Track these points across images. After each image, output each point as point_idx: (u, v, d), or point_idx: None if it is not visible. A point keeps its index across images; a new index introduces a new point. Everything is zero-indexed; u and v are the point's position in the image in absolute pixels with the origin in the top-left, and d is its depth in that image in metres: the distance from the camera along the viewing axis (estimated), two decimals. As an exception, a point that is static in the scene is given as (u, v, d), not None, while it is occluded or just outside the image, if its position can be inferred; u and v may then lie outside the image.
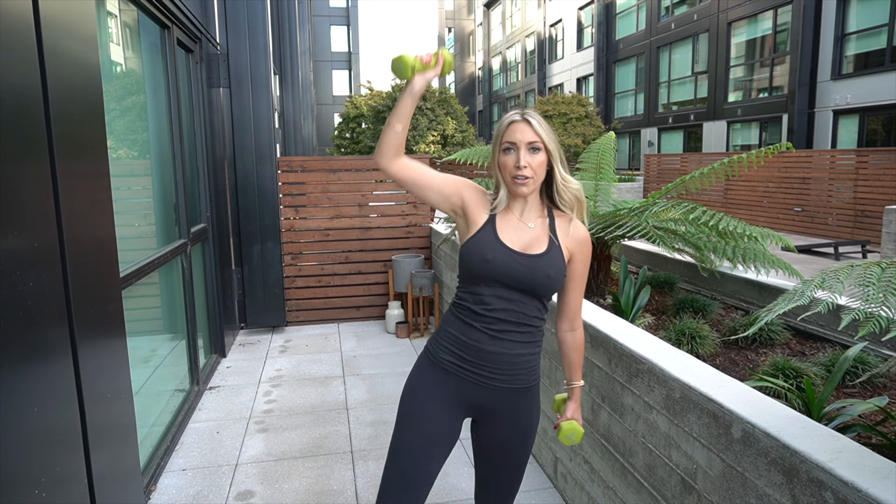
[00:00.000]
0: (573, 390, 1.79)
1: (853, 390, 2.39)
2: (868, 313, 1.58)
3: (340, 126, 24.51)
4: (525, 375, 1.65)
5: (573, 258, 1.67)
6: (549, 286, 1.61)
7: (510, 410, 1.67)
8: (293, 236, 5.59)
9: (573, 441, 1.75)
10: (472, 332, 1.61)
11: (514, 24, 37.28)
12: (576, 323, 1.76)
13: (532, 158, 1.57)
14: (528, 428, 1.71)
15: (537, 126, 1.58)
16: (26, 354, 1.44)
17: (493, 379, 1.62)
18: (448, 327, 1.67)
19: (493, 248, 1.59)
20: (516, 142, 1.57)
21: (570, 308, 1.74)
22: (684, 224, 3.53)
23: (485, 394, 1.64)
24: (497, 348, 1.60)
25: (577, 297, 1.73)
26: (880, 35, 14.18)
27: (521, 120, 1.59)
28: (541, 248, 1.61)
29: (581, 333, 1.77)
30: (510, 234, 1.62)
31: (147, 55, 3.40)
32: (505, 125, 1.61)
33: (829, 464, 1.28)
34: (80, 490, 1.70)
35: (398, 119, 1.58)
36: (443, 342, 1.67)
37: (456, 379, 1.64)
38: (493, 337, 1.60)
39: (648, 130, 23.84)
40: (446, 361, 1.65)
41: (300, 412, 3.75)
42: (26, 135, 1.49)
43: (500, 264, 1.58)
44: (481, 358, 1.61)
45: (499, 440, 1.70)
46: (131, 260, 2.75)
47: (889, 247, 8.54)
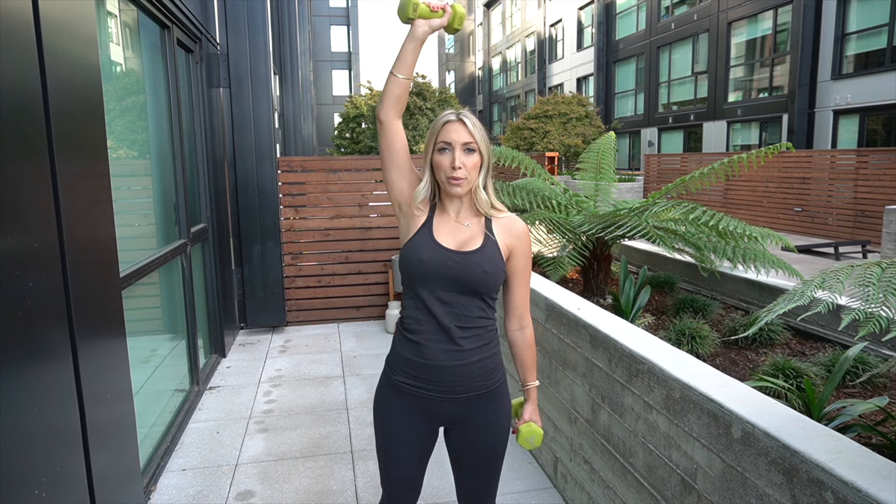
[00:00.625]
0: (528, 391, 1.77)
1: (853, 390, 2.39)
2: (868, 313, 1.58)
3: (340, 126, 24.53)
4: (484, 380, 1.64)
5: (513, 253, 1.66)
6: (487, 282, 1.59)
7: (476, 416, 1.67)
8: (293, 236, 5.59)
9: (533, 444, 1.73)
10: (422, 351, 1.60)
11: (514, 24, 37.28)
12: (524, 320, 1.74)
13: (467, 159, 1.57)
14: (497, 429, 1.70)
15: (472, 127, 1.58)
16: (26, 354, 1.44)
17: (451, 392, 1.62)
18: (399, 349, 1.66)
19: (428, 248, 1.59)
20: (451, 141, 1.57)
21: (516, 305, 1.72)
22: (684, 224, 3.53)
23: (447, 407, 1.64)
24: (449, 361, 1.60)
25: (522, 294, 1.71)
26: (880, 35, 14.18)
27: (456, 120, 1.59)
28: (475, 245, 1.61)
29: (530, 332, 1.75)
30: (446, 234, 1.63)
31: (147, 55, 3.40)
32: (440, 124, 1.60)
33: (829, 464, 1.28)
34: (80, 490, 1.70)
35: (400, 66, 1.56)
36: (398, 365, 1.66)
37: (416, 398, 1.64)
38: (444, 350, 1.59)
39: (648, 130, 23.84)
40: (403, 384, 1.65)
41: (300, 412, 3.75)
42: (26, 135, 1.49)
43: (435, 263, 1.58)
44: (436, 374, 1.60)
45: (469, 445, 1.70)
46: (131, 260, 2.75)
47: (889, 247, 8.54)
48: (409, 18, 1.54)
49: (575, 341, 2.53)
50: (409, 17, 1.53)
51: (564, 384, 2.66)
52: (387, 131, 1.61)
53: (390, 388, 1.69)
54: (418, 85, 21.00)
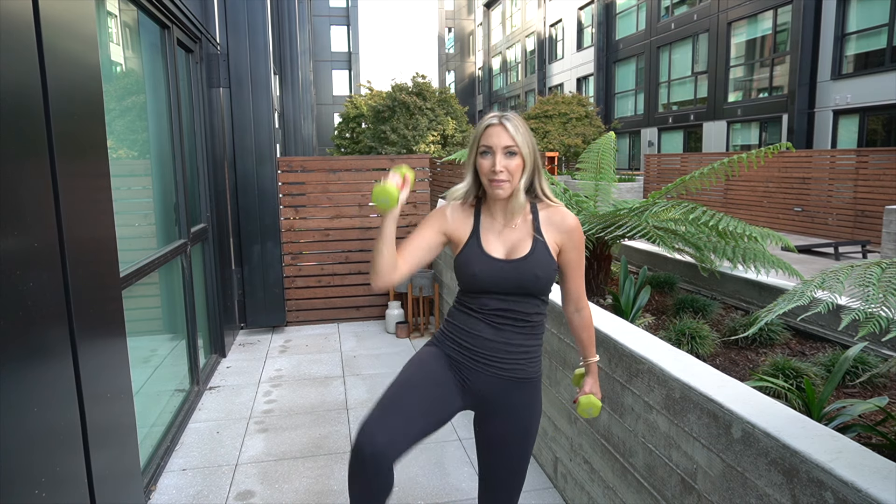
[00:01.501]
0: (589, 366, 1.86)
1: (853, 390, 2.39)
2: (868, 313, 1.58)
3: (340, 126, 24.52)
4: (524, 366, 1.69)
5: (563, 248, 1.70)
6: (540, 285, 1.65)
7: (510, 402, 1.70)
8: (293, 236, 5.59)
9: (591, 414, 1.83)
10: (473, 323, 1.68)
11: (514, 24, 37.28)
12: (580, 304, 1.80)
13: (508, 162, 1.60)
14: (529, 422, 1.73)
15: (513, 131, 1.60)
16: (26, 354, 1.44)
17: (491, 366, 1.67)
18: (450, 318, 1.75)
19: (479, 262, 1.64)
20: (492, 146, 1.60)
21: (572, 292, 1.78)
22: (684, 224, 3.53)
23: (483, 380, 1.68)
24: (496, 337, 1.66)
25: (576, 282, 1.77)
26: (880, 35, 14.18)
27: (497, 124, 1.61)
28: (525, 250, 1.65)
29: (588, 313, 1.82)
30: (494, 242, 1.67)
31: (147, 55, 3.40)
32: (482, 128, 1.64)
33: (829, 464, 1.28)
34: (80, 490, 1.70)
35: (385, 243, 1.57)
36: (446, 331, 1.74)
37: (457, 364, 1.70)
38: (493, 327, 1.66)
39: (648, 130, 23.84)
40: (450, 347, 1.71)
41: (300, 412, 3.75)
42: (26, 135, 1.49)
43: (488, 275, 1.63)
44: (480, 345, 1.66)
45: (500, 435, 1.72)
46: (131, 260, 2.75)
47: (889, 247, 8.54)
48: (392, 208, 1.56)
49: (574, 341, 2.53)
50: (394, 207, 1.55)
51: (564, 384, 2.66)
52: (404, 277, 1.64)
53: (436, 349, 1.74)
54: (418, 85, 20.98)
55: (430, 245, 1.70)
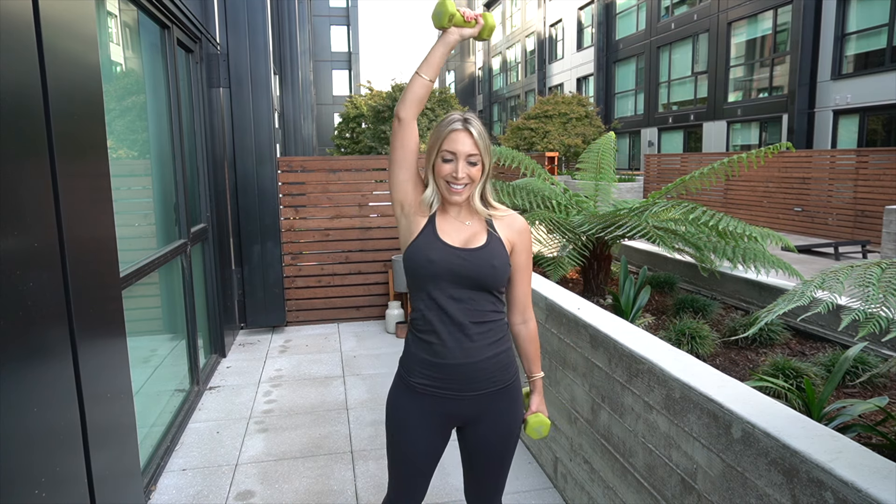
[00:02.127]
0: (534, 383, 1.80)
1: (853, 390, 2.39)
2: (868, 313, 1.58)
3: (340, 126, 24.52)
4: (499, 376, 1.66)
5: (514, 249, 1.69)
6: (496, 276, 1.61)
7: (491, 412, 1.69)
8: (293, 236, 5.59)
9: (541, 434, 1.77)
10: (437, 350, 1.61)
11: (514, 24, 37.28)
12: (527, 314, 1.76)
13: (470, 170, 1.59)
14: (511, 425, 1.72)
15: (478, 138, 1.59)
16: (26, 354, 1.44)
17: (468, 390, 1.64)
18: (414, 350, 1.67)
19: (435, 248, 1.61)
20: (457, 153, 1.58)
21: (519, 299, 1.74)
22: (684, 224, 3.53)
23: (464, 405, 1.66)
24: (465, 359, 1.61)
25: (524, 288, 1.74)
26: (880, 35, 14.18)
27: (462, 129, 1.59)
28: (481, 241, 1.63)
29: (533, 325, 1.78)
30: (450, 233, 1.64)
31: (147, 55, 3.40)
32: (446, 132, 1.60)
33: (829, 464, 1.28)
34: (80, 490, 1.70)
35: (427, 68, 1.58)
36: (413, 365, 1.67)
37: (432, 399, 1.65)
38: (460, 347, 1.60)
39: (648, 130, 23.84)
40: (419, 385, 1.65)
41: (300, 412, 3.75)
42: (26, 135, 1.49)
43: (444, 262, 1.59)
44: (452, 373, 1.62)
45: (482, 441, 1.71)
46: (131, 260, 2.75)
47: (889, 247, 8.54)
48: (443, 26, 1.57)
49: (575, 341, 2.53)
50: (444, 25, 1.56)
51: (564, 384, 2.66)
52: (404, 129, 1.61)
53: (406, 390, 1.69)
54: (418, 85, 20.98)
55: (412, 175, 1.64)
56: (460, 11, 1.57)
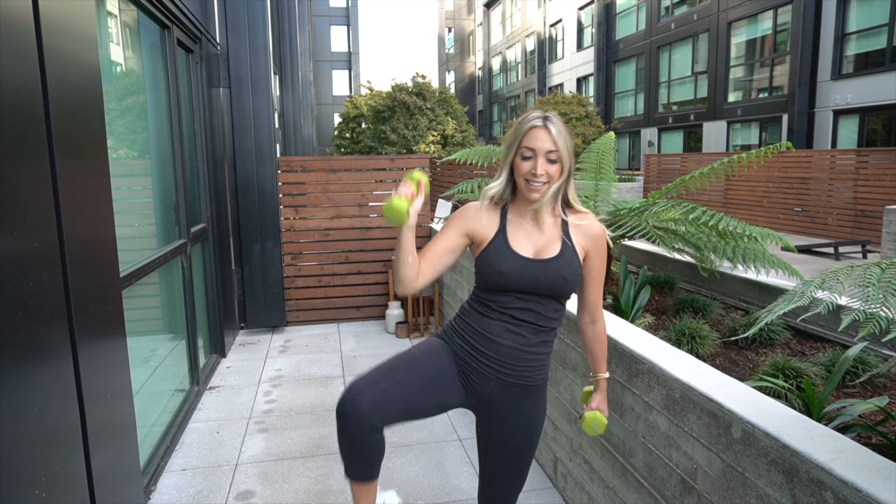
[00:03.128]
0: (598, 382, 1.82)
1: (853, 390, 2.39)
2: (868, 313, 1.58)
3: (340, 126, 24.50)
4: (533, 373, 1.67)
5: (588, 255, 1.68)
6: (566, 288, 1.62)
7: (515, 407, 1.68)
8: (293, 236, 5.59)
9: (596, 431, 1.79)
10: (488, 324, 1.63)
11: (514, 24, 37.27)
12: (596, 315, 1.77)
13: (549, 167, 1.58)
14: (533, 426, 1.72)
15: (557, 135, 1.57)
16: (26, 354, 1.44)
17: (501, 372, 1.64)
18: (464, 316, 1.69)
19: (506, 260, 1.59)
20: (536, 150, 1.56)
21: (590, 302, 1.76)
22: (684, 224, 3.53)
23: (491, 385, 1.65)
24: (511, 342, 1.62)
25: (595, 292, 1.75)
26: (880, 35, 14.18)
27: (542, 126, 1.57)
28: (554, 251, 1.62)
29: (602, 326, 1.79)
30: (522, 241, 1.63)
31: (147, 55, 3.40)
32: (526, 128, 1.58)
33: (829, 464, 1.28)
34: (80, 490, 1.70)
35: (405, 252, 1.56)
36: (458, 328, 1.68)
37: (465, 365, 1.66)
38: (509, 331, 1.62)
39: (648, 130, 23.83)
40: (459, 346, 1.66)
41: (300, 412, 3.75)
42: (26, 135, 1.49)
43: (515, 275, 1.58)
44: (494, 350, 1.62)
45: (503, 437, 1.71)
46: (131, 260, 2.75)
47: (889, 247, 8.54)
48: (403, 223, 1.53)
49: (575, 341, 2.53)
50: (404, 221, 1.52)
51: (564, 384, 2.66)
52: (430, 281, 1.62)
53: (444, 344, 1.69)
54: (418, 85, 20.97)
55: (453, 248, 1.66)
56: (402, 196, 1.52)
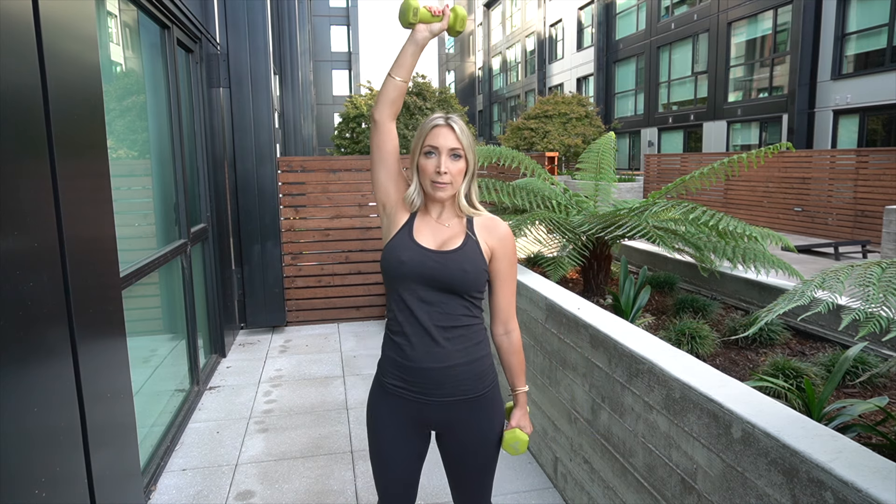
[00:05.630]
0: (517, 397, 1.73)
1: (853, 390, 2.39)
2: (868, 313, 1.58)
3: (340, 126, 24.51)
4: (472, 384, 1.62)
5: (495, 255, 1.64)
6: (466, 281, 1.57)
7: (466, 420, 1.64)
8: (293, 236, 5.59)
9: (518, 450, 1.69)
10: (408, 353, 1.59)
11: (514, 24, 37.28)
12: (510, 325, 1.70)
13: (452, 165, 1.58)
14: (488, 433, 1.68)
15: (460, 133, 1.58)
16: (26, 354, 1.44)
17: (438, 396, 1.60)
18: (387, 351, 1.67)
19: (407, 249, 1.59)
20: (438, 146, 1.57)
21: (501, 308, 1.68)
22: (684, 224, 3.53)
23: (435, 410, 1.62)
24: (433, 363, 1.58)
25: (506, 297, 1.68)
26: (880, 35, 14.18)
27: (444, 125, 1.58)
28: (455, 244, 1.61)
29: (517, 336, 1.72)
30: (426, 234, 1.62)
31: (147, 55, 3.40)
32: (428, 128, 1.59)
33: (829, 464, 1.28)
34: (80, 490, 1.70)
35: (398, 69, 1.56)
36: (386, 367, 1.67)
37: (404, 402, 1.64)
38: (427, 352, 1.58)
39: (648, 130, 23.83)
40: (391, 386, 1.65)
41: (300, 412, 3.75)
42: (26, 135, 1.49)
43: (415, 263, 1.57)
44: (422, 377, 1.59)
45: (459, 449, 1.69)
46: (131, 260, 2.75)
47: (889, 247, 8.54)
48: (410, 23, 1.55)
49: (575, 341, 2.53)
50: (410, 21, 1.53)
51: (564, 384, 2.66)
52: (380, 131, 1.61)
53: (381, 392, 1.69)
54: (418, 85, 21.00)
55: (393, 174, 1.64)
56: (425, 7, 1.54)
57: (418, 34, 1.57)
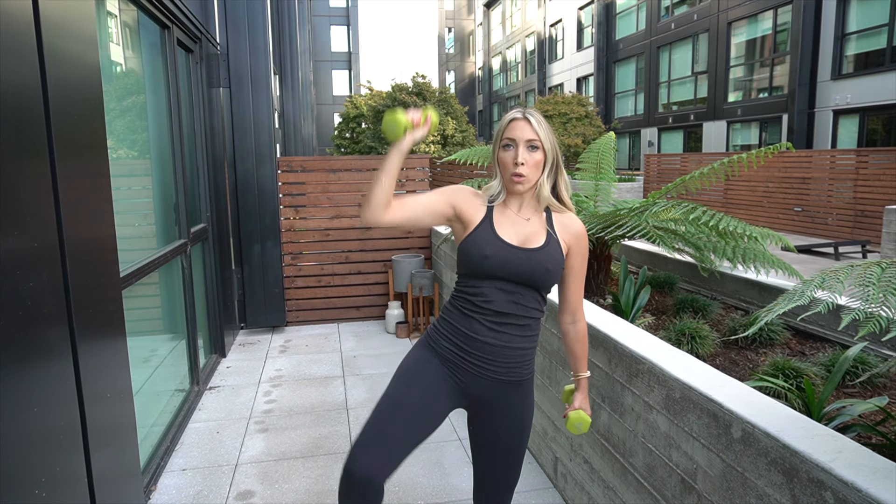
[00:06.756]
0: (580, 381, 1.85)
1: (853, 390, 2.39)
2: (868, 313, 1.58)
3: (340, 126, 24.51)
4: (520, 369, 1.69)
5: (571, 252, 1.72)
6: (548, 279, 1.65)
7: (504, 403, 1.70)
8: (293, 236, 5.59)
9: (580, 430, 1.81)
10: (471, 323, 1.65)
11: (514, 24, 37.27)
12: (577, 315, 1.80)
13: (530, 156, 1.62)
14: (523, 421, 1.74)
15: (536, 125, 1.63)
16: (26, 354, 1.44)
17: (487, 370, 1.66)
18: (447, 317, 1.71)
19: (491, 244, 1.62)
20: (515, 139, 1.62)
21: (571, 301, 1.78)
22: (684, 224, 3.53)
23: (479, 383, 1.67)
24: (495, 340, 1.64)
25: (576, 291, 1.78)
26: (880, 35, 14.18)
27: (521, 118, 1.64)
28: (539, 242, 1.65)
29: (583, 326, 1.82)
30: (508, 228, 1.66)
31: (147, 55, 3.40)
32: (506, 122, 1.66)
33: (829, 464, 1.28)
34: (80, 490, 1.70)
35: (386, 174, 1.56)
36: (442, 330, 1.70)
37: (452, 366, 1.68)
38: (492, 329, 1.63)
39: (648, 130, 23.83)
40: (444, 348, 1.68)
41: (300, 412, 3.75)
42: (26, 135, 1.49)
43: (499, 259, 1.61)
44: (478, 348, 1.64)
45: (494, 434, 1.73)
46: (131, 260, 2.75)
47: (889, 247, 8.54)
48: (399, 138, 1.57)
49: (575, 341, 2.53)
50: (400, 137, 1.56)
51: (565, 384, 2.66)
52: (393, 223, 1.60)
53: (430, 351, 1.71)
54: (418, 85, 20.98)
55: (433, 209, 1.66)
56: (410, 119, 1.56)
57: (405, 144, 1.57)
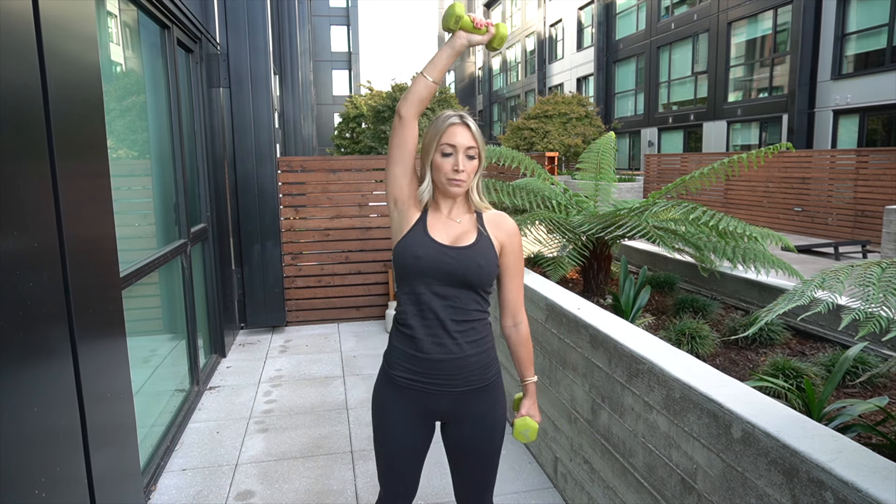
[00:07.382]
0: (527, 387, 1.79)
1: (853, 390, 2.39)
2: (868, 313, 1.58)
3: (340, 126, 24.52)
4: (479, 374, 1.67)
5: (504, 250, 1.70)
6: (481, 275, 1.62)
7: (473, 412, 1.69)
8: (293, 236, 5.59)
9: (528, 437, 1.76)
10: (415, 343, 1.63)
11: (514, 24, 37.26)
12: (518, 317, 1.76)
13: (469, 164, 1.62)
14: (493, 423, 1.72)
15: (475, 132, 1.62)
16: (26, 354, 1.44)
17: (446, 386, 1.65)
18: (395, 341, 1.70)
19: (423, 245, 1.62)
20: (456, 146, 1.60)
21: (510, 301, 1.75)
22: (684, 224, 3.53)
23: (443, 401, 1.67)
24: (442, 354, 1.62)
25: (515, 291, 1.74)
26: (880, 35, 14.18)
27: (460, 123, 1.62)
28: (469, 240, 1.65)
29: (525, 328, 1.78)
30: (439, 230, 1.66)
31: (147, 55, 3.40)
32: (444, 126, 1.62)
33: (829, 464, 1.28)
34: (80, 490, 1.70)
35: (431, 69, 1.60)
36: (395, 358, 1.69)
37: (413, 392, 1.67)
38: (437, 343, 1.62)
39: (648, 130, 23.83)
40: (400, 377, 1.67)
41: (300, 412, 3.75)
42: (26, 135, 1.49)
43: (431, 259, 1.60)
44: (430, 368, 1.63)
45: (465, 440, 1.72)
46: (131, 260, 2.75)
47: (889, 247, 8.53)
48: (451, 29, 1.58)
49: (575, 341, 2.53)
50: (450, 27, 1.57)
51: (564, 384, 2.66)
52: (405, 127, 1.62)
53: (388, 383, 1.71)
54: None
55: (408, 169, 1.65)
56: (470, 16, 1.57)
57: (457, 40, 1.60)
